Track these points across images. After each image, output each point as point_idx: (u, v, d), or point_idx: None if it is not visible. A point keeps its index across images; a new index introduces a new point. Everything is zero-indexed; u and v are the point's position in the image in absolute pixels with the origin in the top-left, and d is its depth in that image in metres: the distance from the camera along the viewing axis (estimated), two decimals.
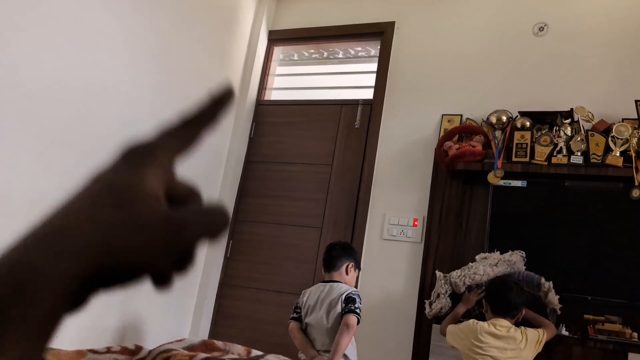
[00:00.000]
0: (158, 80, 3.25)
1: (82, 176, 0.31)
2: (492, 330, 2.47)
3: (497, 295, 2.55)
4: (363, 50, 4.08)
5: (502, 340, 2.44)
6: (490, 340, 2.45)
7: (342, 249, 2.75)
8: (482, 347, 2.44)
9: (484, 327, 2.48)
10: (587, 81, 3.20)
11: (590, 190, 2.89)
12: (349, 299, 2.54)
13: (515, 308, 2.51)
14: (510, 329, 2.47)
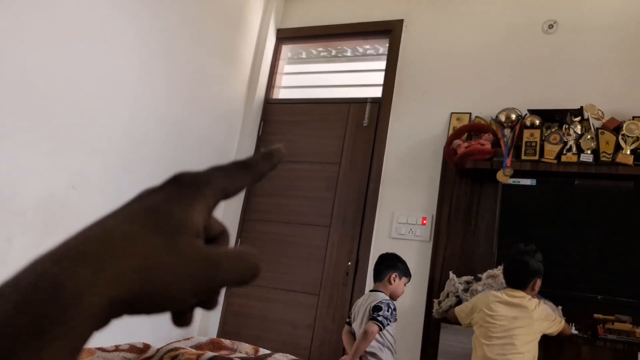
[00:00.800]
0: (167, 79, 3.26)
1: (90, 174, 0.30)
2: (505, 299, 2.45)
3: (511, 268, 2.55)
4: (371, 49, 4.08)
5: (514, 309, 2.42)
6: (501, 309, 2.43)
7: (387, 260, 2.89)
8: (493, 317, 2.42)
9: (496, 296, 2.47)
10: (597, 79, 3.18)
11: (600, 189, 2.87)
12: (376, 307, 2.69)
13: (531, 276, 2.49)
14: (524, 298, 2.45)
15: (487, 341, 2.41)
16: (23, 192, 2.45)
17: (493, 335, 2.40)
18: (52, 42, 2.54)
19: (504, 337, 2.38)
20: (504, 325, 2.40)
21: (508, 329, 2.39)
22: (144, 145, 3.12)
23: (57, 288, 0.27)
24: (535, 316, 2.40)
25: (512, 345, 2.36)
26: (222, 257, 0.32)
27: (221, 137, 3.82)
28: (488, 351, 2.38)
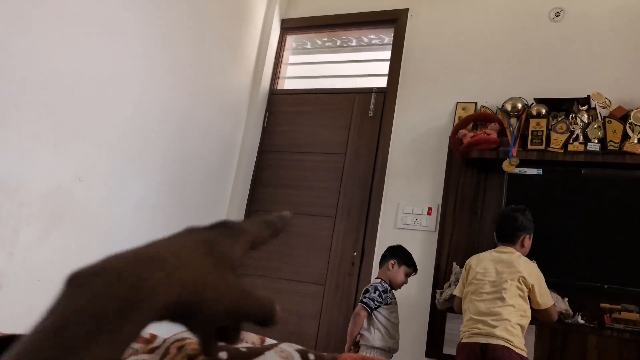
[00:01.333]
0: (171, 70, 3.26)
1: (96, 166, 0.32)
2: (494, 255, 2.55)
3: (501, 224, 2.66)
4: (376, 38, 4.05)
5: (502, 264, 2.48)
6: (490, 265, 2.51)
7: (391, 250, 2.96)
8: (483, 273, 2.51)
9: (485, 255, 2.57)
10: (604, 67, 3.15)
11: (607, 178, 2.85)
12: (364, 290, 2.82)
13: (520, 230, 2.59)
14: (513, 253, 2.52)
15: (477, 297, 2.47)
16: (30, 184, 2.45)
17: (483, 291, 2.46)
18: (57, 33, 2.54)
19: (494, 292, 2.44)
20: (494, 280, 2.46)
21: (497, 283, 2.45)
22: (149, 137, 3.12)
23: (140, 281, 0.32)
24: (521, 268, 2.45)
25: (502, 300, 2.40)
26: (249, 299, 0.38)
27: (226, 129, 3.82)
28: (478, 306, 2.44)
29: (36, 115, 2.46)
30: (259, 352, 0.90)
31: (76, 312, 0.30)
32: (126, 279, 0.32)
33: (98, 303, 0.31)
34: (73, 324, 0.30)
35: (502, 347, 2.32)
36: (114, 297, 0.31)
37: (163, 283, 0.32)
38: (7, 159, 2.35)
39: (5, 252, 2.37)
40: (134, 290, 0.31)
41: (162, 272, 0.33)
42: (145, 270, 0.32)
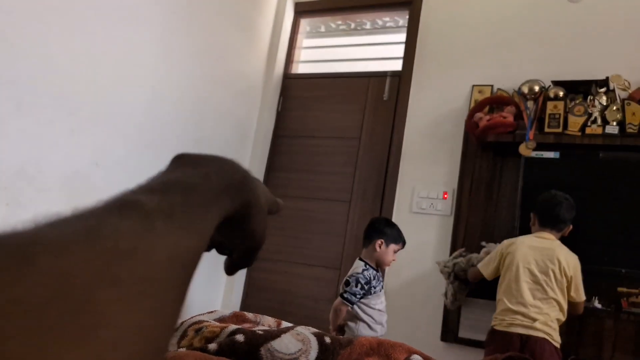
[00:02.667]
0: (186, 55, 3.26)
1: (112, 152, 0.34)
2: (533, 242, 2.46)
3: (546, 207, 2.55)
4: (391, 21, 4.02)
5: (541, 253, 2.41)
6: (529, 253, 2.42)
7: (372, 225, 2.75)
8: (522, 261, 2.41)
9: (524, 241, 2.47)
10: (623, 48, 3.09)
11: (626, 161, 2.81)
12: (345, 282, 2.63)
13: (563, 222, 2.51)
14: (554, 241, 2.46)
15: (516, 286, 2.39)
16: (48, 170, 2.48)
17: (523, 281, 2.39)
18: (72, 19, 2.55)
19: (534, 283, 2.38)
20: (534, 270, 2.39)
21: (538, 273, 2.38)
22: (164, 121, 3.14)
23: (247, 173, 0.42)
24: (562, 258, 2.39)
25: (543, 292, 2.36)
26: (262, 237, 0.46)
27: (241, 114, 3.83)
28: (517, 296, 2.38)
29: (52, 101, 2.49)
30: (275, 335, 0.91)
31: (203, 179, 0.36)
32: (239, 168, 0.41)
33: (222, 178, 0.38)
34: (201, 187, 0.35)
35: (543, 340, 2.31)
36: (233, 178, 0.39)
37: (259, 185, 0.43)
38: (25, 145, 2.38)
39: None
40: (244, 179, 0.41)
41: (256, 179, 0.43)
42: (249, 173, 0.42)
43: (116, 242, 0.25)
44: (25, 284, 0.20)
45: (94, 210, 0.27)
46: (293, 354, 0.88)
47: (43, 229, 0.24)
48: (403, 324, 3.16)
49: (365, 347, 0.97)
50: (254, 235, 0.44)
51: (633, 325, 2.55)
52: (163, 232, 0.28)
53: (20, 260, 0.21)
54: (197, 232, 0.32)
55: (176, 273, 0.29)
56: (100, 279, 0.23)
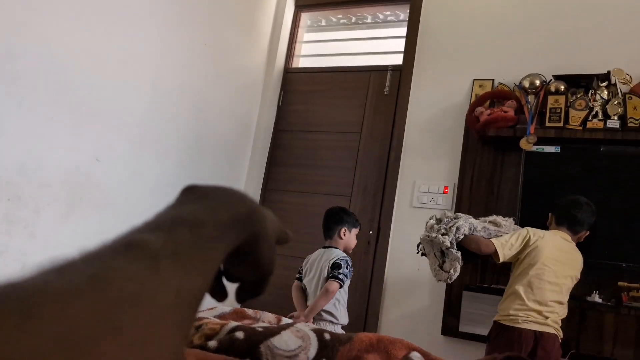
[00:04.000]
0: (186, 50, 3.26)
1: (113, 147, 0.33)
2: (559, 243, 2.42)
3: (565, 207, 2.52)
4: (392, 15, 4.00)
5: (564, 255, 2.39)
6: (555, 253, 2.38)
7: (332, 216, 2.90)
8: (549, 259, 2.37)
9: (552, 240, 2.42)
10: (625, 42, 3.08)
11: (627, 156, 2.81)
12: (334, 264, 2.72)
13: (580, 224, 2.47)
14: (572, 244, 2.44)
15: (539, 284, 2.34)
16: (49, 165, 2.49)
17: (546, 280, 2.35)
18: (72, 15, 2.54)
19: (554, 284, 2.35)
20: (557, 271, 2.36)
21: (559, 275, 2.36)
22: (165, 117, 3.14)
23: (255, 206, 0.42)
24: (579, 265, 2.41)
25: (559, 293, 2.35)
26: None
27: (242, 109, 3.82)
28: (537, 294, 2.34)
29: (53, 97, 2.49)
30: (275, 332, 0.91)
31: (211, 214, 0.37)
32: (246, 200, 0.41)
33: (229, 211, 0.38)
34: (208, 223, 0.35)
35: (555, 336, 2.31)
36: (240, 212, 0.39)
37: (267, 216, 0.43)
38: (26, 141, 2.39)
39: (27, 233, 2.41)
40: (252, 212, 0.41)
41: (265, 210, 0.43)
42: (256, 204, 0.42)
43: (121, 289, 0.25)
44: (30, 338, 0.20)
45: (101, 252, 0.28)
46: (293, 350, 0.88)
47: (49, 277, 0.24)
48: (404, 318, 3.17)
49: (364, 343, 0.97)
50: (261, 265, 0.44)
51: (634, 319, 2.55)
52: (168, 273, 0.29)
53: (25, 314, 0.21)
54: (202, 271, 0.33)
55: (180, 314, 0.29)
56: (103, 328, 0.23)
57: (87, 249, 0.28)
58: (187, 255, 0.31)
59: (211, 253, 0.35)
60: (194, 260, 0.32)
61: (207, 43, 3.43)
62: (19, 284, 0.23)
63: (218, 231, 0.36)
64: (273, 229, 0.44)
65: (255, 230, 0.41)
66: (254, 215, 0.41)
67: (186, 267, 0.31)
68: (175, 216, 0.35)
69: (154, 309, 0.27)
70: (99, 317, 0.23)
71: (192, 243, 0.33)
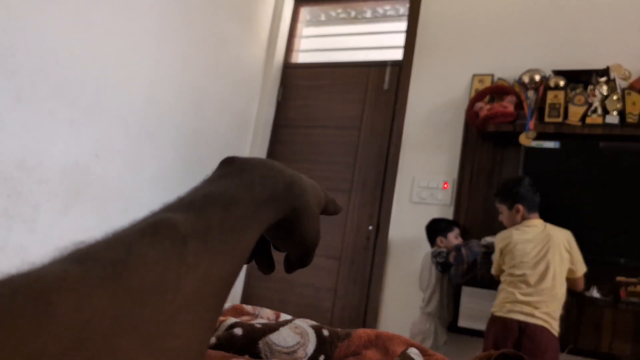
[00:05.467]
0: (185, 44, 3.25)
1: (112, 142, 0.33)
2: (525, 235, 2.47)
3: (528, 193, 2.56)
4: (392, 9, 4.00)
5: (538, 239, 2.43)
6: (528, 244, 2.43)
7: (428, 231, 3.07)
8: (522, 251, 2.43)
9: (518, 234, 2.48)
10: (624, 38, 3.08)
11: (626, 151, 2.81)
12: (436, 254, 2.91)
13: (539, 202, 2.56)
14: (544, 224, 2.48)
15: (519, 274, 2.41)
16: (48, 161, 2.49)
17: (524, 269, 2.40)
18: (70, 10, 2.54)
19: (536, 270, 2.39)
20: (535, 257, 2.40)
21: (540, 261, 2.39)
22: (164, 112, 3.14)
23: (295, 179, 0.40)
24: (560, 238, 2.43)
25: (545, 280, 2.36)
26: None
27: (241, 103, 3.82)
28: (520, 286, 2.39)
29: (52, 92, 2.48)
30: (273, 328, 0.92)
31: (246, 190, 0.35)
32: (286, 175, 0.40)
33: (266, 187, 0.37)
34: (242, 201, 0.34)
35: (542, 327, 2.33)
36: (277, 186, 0.38)
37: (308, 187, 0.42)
38: (25, 136, 2.38)
39: (27, 228, 2.42)
40: (291, 185, 0.39)
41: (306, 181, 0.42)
42: (296, 176, 0.41)
43: (143, 278, 0.24)
44: (45, 335, 0.20)
45: (126, 235, 0.27)
46: (291, 347, 0.89)
47: (68, 267, 0.23)
48: (404, 313, 3.18)
49: (363, 339, 0.98)
50: (304, 239, 0.43)
51: (631, 314, 2.56)
52: (195, 258, 0.28)
53: (41, 309, 0.20)
54: (233, 253, 0.32)
55: (206, 304, 0.28)
56: (121, 324, 0.22)
57: (114, 229, 0.27)
58: (218, 238, 0.30)
59: (244, 234, 0.33)
60: (225, 243, 0.31)
61: (206, 38, 3.42)
62: (37, 273, 0.22)
63: (252, 209, 0.35)
64: (316, 201, 0.43)
65: (294, 204, 0.40)
66: (293, 189, 0.40)
67: (215, 250, 0.29)
68: (209, 193, 0.34)
69: (177, 298, 0.25)
70: (118, 311, 0.22)
71: (223, 223, 0.31)
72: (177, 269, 0.26)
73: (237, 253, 0.32)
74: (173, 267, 0.26)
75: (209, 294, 0.28)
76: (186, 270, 0.27)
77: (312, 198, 0.42)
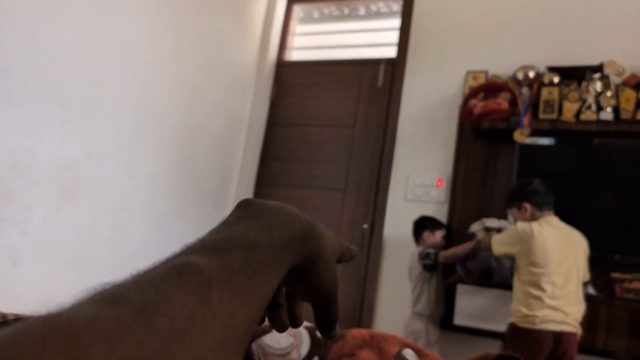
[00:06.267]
0: (176, 43, 3.23)
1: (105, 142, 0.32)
2: (553, 232, 2.34)
3: (538, 191, 2.47)
4: (385, 7, 3.98)
5: (565, 241, 2.34)
6: (558, 243, 2.31)
7: (416, 225, 3.09)
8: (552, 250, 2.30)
9: (542, 232, 2.32)
10: (618, 34, 3.08)
11: (620, 147, 2.81)
12: (424, 255, 2.91)
13: (554, 202, 2.47)
14: (564, 225, 2.40)
15: (548, 279, 2.28)
16: (40, 161, 2.46)
17: (555, 272, 2.29)
18: (61, 9, 2.51)
19: (566, 274, 2.31)
20: (564, 260, 2.32)
21: (569, 264, 2.33)
22: (157, 111, 3.12)
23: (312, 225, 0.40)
24: (581, 242, 2.40)
25: (573, 283, 2.30)
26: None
27: (234, 101, 3.80)
28: (550, 290, 2.26)
29: (43, 92, 2.46)
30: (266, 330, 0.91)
31: (265, 234, 0.35)
32: (303, 220, 0.40)
33: (284, 231, 0.37)
34: (263, 245, 0.34)
35: (574, 335, 2.26)
36: (295, 231, 0.38)
37: (324, 234, 0.42)
38: (16, 136, 2.36)
39: (19, 230, 2.40)
40: (307, 231, 0.39)
41: (322, 228, 0.42)
42: (313, 222, 0.41)
43: (172, 321, 0.25)
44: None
45: (153, 276, 0.27)
46: (284, 348, 0.88)
47: (99, 309, 0.23)
48: (399, 312, 3.18)
49: (357, 339, 0.97)
50: (321, 284, 0.42)
51: (626, 311, 2.56)
52: (220, 303, 0.28)
53: (73, 354, 0.20)
54: (254, 298, 0.32)
55: (229, 349, 0.29)
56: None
57: (139, 269, 0.27)
58: (240, 282, 0.31)
59: (265, 278, 0.34)
60: (247, 287, 0.31)
61: (198, 36, 3.40)
62: (67, 316, 0.22)
63: (272, 254, 0.35)
64: (332, 248, 0.43)
65: (311, 249, 0.40)
66: (310, 234, 0.40)
67: (238, 294, 0.30)
68: (230, 236, 0.34)
69: (204, 342, 0.26)
70: (147, 354, 0.23)
71: (246, 268, 0.32)
72: (204, 313, 0.27)
73: (258, 298, 0.33)
74: (200, 311, 0.27)
75: (233, 339, 0.29)
76: (212, 314, 0.27)
77: (328, 244, 0.42)
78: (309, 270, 0.40)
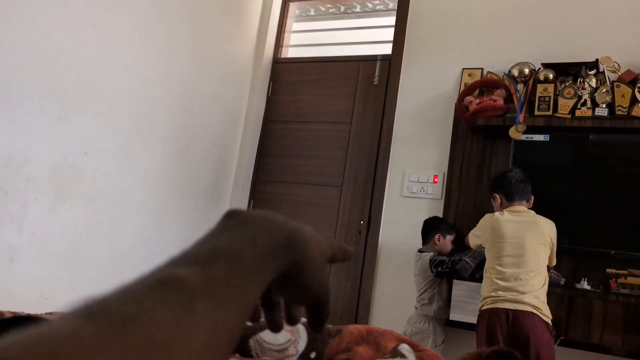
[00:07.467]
0: (173, 40, 3.22)
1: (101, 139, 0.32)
2: (511, 218, 2.44)
3: (509, 182, 2.54)
4: (381, 4, 3.98)
5: (522, 225, 2.41)
6: (510, 227, 2.41)
7: (427, 225, 3.05)
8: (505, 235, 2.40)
9: (504, 217, 2.45)
10: (613, 30, 3.09)
11: (615, 143, 2.83)
12: (437, 263, 2.85)
13: (528, 192, 2.53)
14: (530, 212, 2.46)
15: (498, 261, 2.39)
16: (35, 159, 2.46)
17: (505, 255, 2.39)
18: (56, 7, 2.51)
19: (518, 256, 2.37)
20: (518, 243, 2.38)
21: (522, 246, 2.37)
22: (153, 108, 3.11)
23: (297, 232, 0.41)
24: (545, 228, 2.41)
25: (527, 264, 2.34)
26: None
27: (230, 98, 3.80)
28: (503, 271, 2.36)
29: (39, 89, 2.46)
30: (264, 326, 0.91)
31: (249, 244, 0.36)
32: (288, 228, 0.40)
33: (269, 240, 0.38)
34: (246, 255, 0.35)
35: (532, 314, 2.28)
36: (279, 240, 0.39)
37: (311, 239, 0.42)
38: (12, 134, 2.36)
39: (15, 227, 2.39)
40: (292, 238, 0.40)
41: (308, 233, 0.42)
42: (298, 228, 0.41)
43: (152, 335, 0.25)
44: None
45: (135, 291, 0.28)
46: (282, 344, 0.88)
47: (79, 323, 0.24)
48: (395, 307, 3.19)
49: (354, 335, 0.97)
50: (309, 290, 0.43)
51: (622, 306, 2.57)
52: (203, 314, 0.29)
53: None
54: (238, 307, 0.33)
55: (215, 352, 0.29)
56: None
57: (122, 283, 0.27)
58: (224, 292, 0.31)
59: (249, 288, 0.34)
60: (230, 297, 0.32)
61: (194, 33, 3.40)
62: (48, 331, 0.22)
63: (256, 263, 0.36)
64: (319, 252, 0.43)
65: (296, 256, 0.40)
66: (295, 241, 0.40)
67: (222, 305, 0.31)
68: (213, 248, 0.35)
69: (186, 353, 0.26)
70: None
71: (229, 278, 0.32)
72: (186, 325, 0.27)
73: (242, 307, 0.33)
74: (182, 323, 0.27)
75: (216, 348, 0.29)
76: (195, 325, 0.28)
77: (314, 249, 0.42)
78: (296, 276, 0.41)
